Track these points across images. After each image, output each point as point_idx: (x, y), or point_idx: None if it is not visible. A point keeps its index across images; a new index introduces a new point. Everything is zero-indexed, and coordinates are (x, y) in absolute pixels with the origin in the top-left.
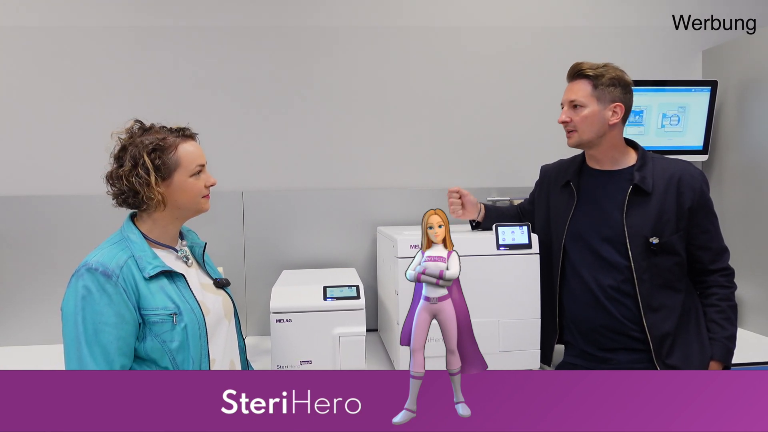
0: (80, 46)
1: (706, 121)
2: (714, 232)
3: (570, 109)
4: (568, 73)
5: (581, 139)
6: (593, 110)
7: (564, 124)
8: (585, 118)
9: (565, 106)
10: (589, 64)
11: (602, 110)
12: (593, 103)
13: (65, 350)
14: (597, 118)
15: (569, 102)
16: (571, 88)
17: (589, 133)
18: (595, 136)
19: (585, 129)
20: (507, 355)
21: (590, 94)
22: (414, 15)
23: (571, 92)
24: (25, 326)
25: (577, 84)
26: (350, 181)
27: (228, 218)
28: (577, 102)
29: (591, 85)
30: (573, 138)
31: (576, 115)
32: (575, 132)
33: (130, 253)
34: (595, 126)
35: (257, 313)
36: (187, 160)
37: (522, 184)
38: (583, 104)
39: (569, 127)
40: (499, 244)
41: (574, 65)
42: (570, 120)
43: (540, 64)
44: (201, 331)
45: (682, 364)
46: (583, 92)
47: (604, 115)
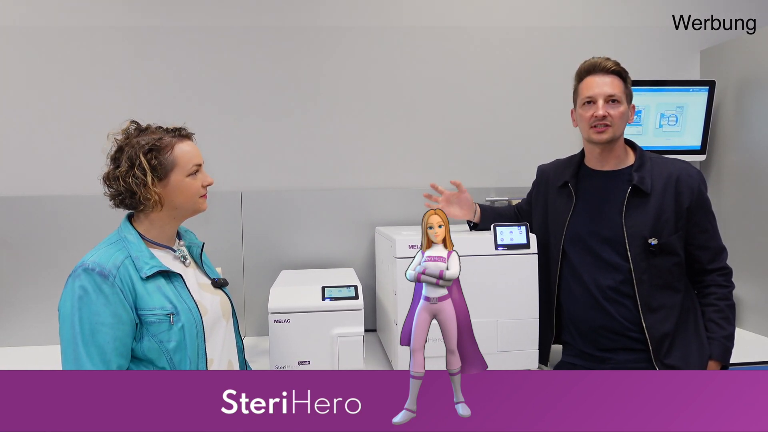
0: (78, 47)
1: (704, 121)
2: (712, 231)
3: (607, 104)
4: (592, 68)
5: (614, 134)
6: (625, 108)
7: (599, 119)
8: (621, 114)
9: (599, 100)
10: (614, 61)
11: (627, 109)
12: (624, 101)
13: (62, 351)
14: (625, 116)
15: (607, 96)
16: (607, 82)
17: (620, 130)
18: (621, 134)
19: (619, 125)
20: (505, 355)
21: (623, 90)
22: (413, 16)
23: (609, 87)
24: (23, 327)
25: (610, 79)
26: (349, 181)
27: (226, 218)
28: (615, 97)
29: (623, 82)
30: (607, 133)
31: (614, 110)
32: (610, 128)
33: (127, 254)
34: (623, 124)
35: (255, 314)
36: (183, 159)
37: (521, 184)
38: (620, 100)
39: (605, 122)
40: (497, 244)
41: (600, 61)
42: (609, 114)
43: (537, 65)
44: (198, 331)
45: (681, 363)
46: (620, 88)
47: (628, 114)
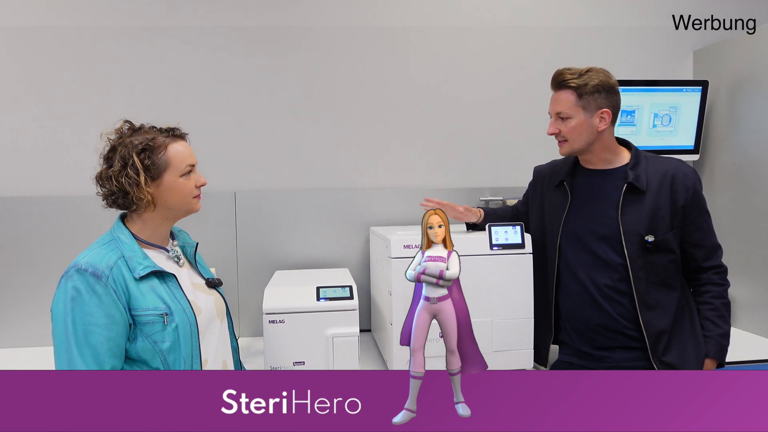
0: (74, 47)
1: (697, 120)
2: (707, 229)
3: (557, 121)
4: (552, 82)
5: (572, 148)
6: (580, 120)
7: (553, 135)
8: (573, 129)
9: (552, 117)
10: (571, 73)
11: (589, 119)
12: (579, 114)
13: (55, 352)
14: (585, 127)
15: (555, 114)
16: (556, 99)
17: (580, 142)
18: (586, 144)
19: (575, 139)
20: (500, 355)
21: (575, 104)
22: (410, 16)
23: (557, 104)
24: (15, 328)
25: (561, 95)
26: (343, 181)
27: (220, 219)
28: (563, 114)
29: (575, 95)
30: (564, 147)
31: (564, 126)
32: (566, 142)
33: (120, 254)
34: (584, 135)
35: (250, 314)
36: (177, 160)
37: (515, 183)
38: (569, 116)
39: (559, 138)
40: (492, 244)
41: (556, 74)
42: (559, 131)
43: (532, 64)
44: (192, 331)
45: (678, 361)
46: (568, 104)
47: (592, 123)
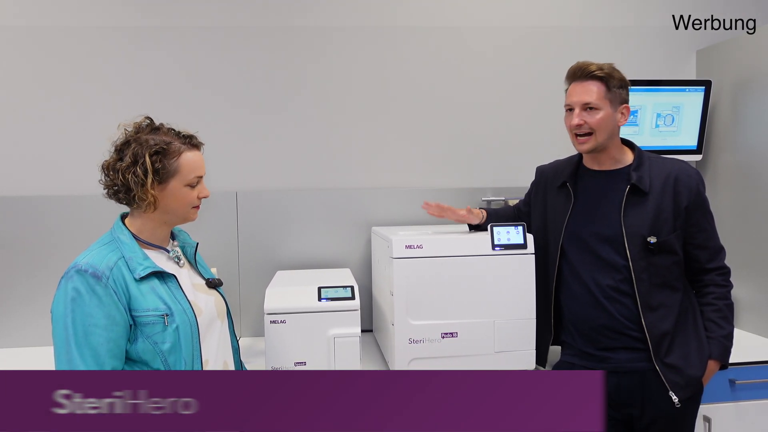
0: (75, 47)
1: (700, 120)
2: (710, 231)
3: (583, 112)
4: (574, 74)
5: (597, 143)
6: (607, 113)
7: (577, 128)
8: (600, 120)
9: (576, 108)
10: (597, 65)
11: (613, 113)
12: (607, 106)
13: (55, 353)
14: (610, 120)
15: (582, 104)
16: (585, 89)
17: (604, 137)
18: (608, 139)
19: (601, 132)
20: (502, 356)
21: (604, 96)
22: (409, 15)
23: (585, 94)
24: (16, 328)
25: (589, 85)
26: (345, 181)
27: (222, 219)
28: (592, 104)
29: (605, 86)
30: (589, 143)
31: (591, 117)
32: (591, 136)
33: (121, 254)
34: (608, 129)
35: (251, 314)
36: (186, 169)
37: (517, 183)
38: (598, 107)
39: (583, 130)
40: (494, 245)
41: (581, 65)
42: (584, 123)
43: (534, 64)
44: (193, 331)
45: (681, 363)
46: (598, 94)
47: (615, 118)
